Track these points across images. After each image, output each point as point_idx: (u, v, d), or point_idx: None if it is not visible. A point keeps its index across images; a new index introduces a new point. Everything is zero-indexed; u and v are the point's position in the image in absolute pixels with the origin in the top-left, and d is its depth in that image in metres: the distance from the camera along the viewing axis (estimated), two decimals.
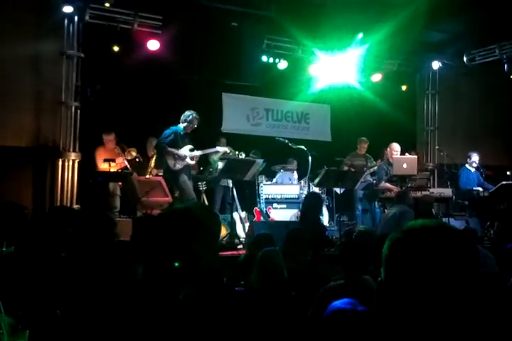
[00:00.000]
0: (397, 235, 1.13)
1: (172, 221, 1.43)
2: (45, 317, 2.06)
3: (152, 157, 8.60)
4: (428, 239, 1.09)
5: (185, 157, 7.45)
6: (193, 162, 7.65)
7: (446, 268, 1.05)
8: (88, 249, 2.39)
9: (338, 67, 9.97)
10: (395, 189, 8.30)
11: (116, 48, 8.31)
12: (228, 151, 8.34)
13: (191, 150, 7.57)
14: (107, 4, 7.80)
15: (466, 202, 9.34)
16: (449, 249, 1.07)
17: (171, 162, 7.39)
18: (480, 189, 9.37)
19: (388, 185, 8.51)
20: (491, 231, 8.51)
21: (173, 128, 7.52)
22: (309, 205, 7.44)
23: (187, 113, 7.56)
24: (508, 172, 9.91)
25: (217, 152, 8.50)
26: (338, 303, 2.20)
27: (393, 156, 8.71)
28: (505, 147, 11.90)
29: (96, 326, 1.91)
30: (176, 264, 1.47)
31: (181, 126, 7.56)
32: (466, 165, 9.85)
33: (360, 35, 9.29)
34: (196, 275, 1.50)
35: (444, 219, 8.10)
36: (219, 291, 1.93)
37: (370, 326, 1.74)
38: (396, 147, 8.90)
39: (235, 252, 6.70)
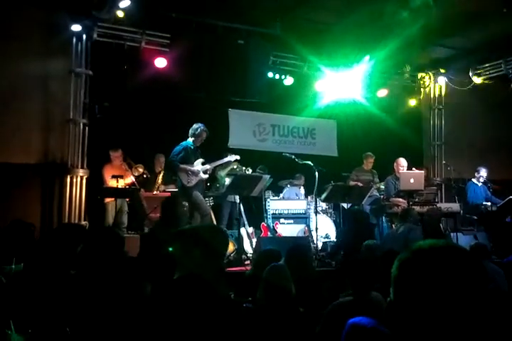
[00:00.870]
0: (406, 255, 1.13)
1: (178, 240, 1.45)
2: (55, 335, 2.06)
3: (160, 173, 8.64)
4: (437, 259, 1.09)
5: (199, 172, 7.45)
6: (206, 176, 7.63)
7: (455, 288, 1.05)
8: (97, 267, 2.40)
9: (344, 83, 10.03)
10: (404, 204, 8.29)
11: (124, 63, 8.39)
12: (238, 158, 8.38)
13: (203, 163, 7.58)
14: (120, 13, 7.84)
15: (475, 217, 9.29)
16: (457, 269, 1.08)
17: (184, 178, 7.36)
18: (488, 203, 9.33)
19: (399, 199, 8.52)
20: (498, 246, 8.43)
21: (183, 143, 7.52)
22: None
23: (195, 126, 7.57)
24: None
25: (226, 164, 8.53)
26: (361, 321, 2.18)
27: (400, 171, 8.71)
28: None
29: None
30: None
31: (190, 140, 7.55)
32: (473, 180, 9.83)
33: (367, 57, 9.35)
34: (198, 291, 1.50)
35: (452, 234, 8.06)
36: (220, 308, 1.92)
37: None
38: (403, 162, 8.91)
39: (242, 268, 6.67)
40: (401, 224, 7.06)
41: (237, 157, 8.34)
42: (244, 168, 8.89)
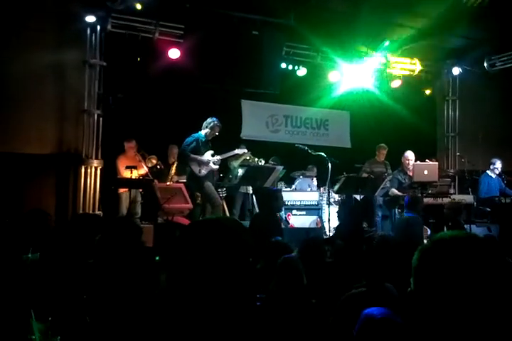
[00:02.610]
0: (427, 246, 1.15)
1: (209, 230, 1.46)
2: (75, 323, 2.10)
3: (173, 164, 8.68)
4: (458, 249, 1.11)
5: (209, 162, 7.55)
6: (216, 166, 7.74)
7: (476, 279, 1.07)
8: (115, 256, 2.44)
9: (358, 74, 9.97)
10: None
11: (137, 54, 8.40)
12: (247, 151, 8.41)
13: (212, 155, 7.65)
14: (138, 6, 7.86)
15: (488, 209, 9.24)
16: (479, 259, 1.09)
17: (195, 168, 7.46)
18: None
19: (396, 191, 8.50)
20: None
21: (195, 135, 7.60)
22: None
23: (209, 120, 7.64)
24: None
25: (238, 156, 8.57)
26: (375, 312, 2.20)
27: (413, 163, 8.66)
28: None
29: (123, 332, 1.95)
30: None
31: (203, 132, 7.63)
32: (488, 172, 9.76)
33: (387, 42, 9.26)
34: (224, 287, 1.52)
35: (465, 226, 8.03)
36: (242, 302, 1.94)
37: (406, 338, 1.75)
38: (410, 155, 8.84)
39: None
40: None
41: (245, 150, 8.37)
42: (256, 159, 8.90)
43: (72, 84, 8.05)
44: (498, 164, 9.65)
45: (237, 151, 8.28)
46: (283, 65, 9.68)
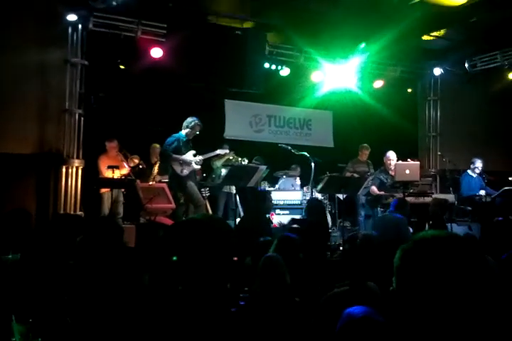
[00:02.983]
0: (408, 245, 1.16)
1: (195, 229, 1.46)
2: (55, 324, 2.08)
3: (155, 164, 8.64)
4: (439, 249, 1.12)
5: (191, 162, 7.57)
6: (198, 166, 7.77)
7: (457, 278, 1.08)
8: (97, 257, 2.42)
9: (340, 74, 10.02)
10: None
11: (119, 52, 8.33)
12: (228, 152, 8.42)
13: (194, 155, 7.66)
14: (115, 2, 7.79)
15: (469, 208, 9.35)
16: (460, 259, 1.10)
17: (177, 168, 7.48)
18: (483, 194, 9.39)
19: (375, 190, 8.58)
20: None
21: (176, 135, 7.61)
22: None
23: (189, 119, 7.65)
24: (511, 178, 9.93)
25: (220, 156, 8.57)
26: (356, 311, 2.21)
27: (395, 163, 8.74)
28: (507, 152, 11.93)
29: (105, 333, 1.94)
30: (174, 258, 1.49)
31: (183, 132, 7.65)
32: (468, 171, 9.89)
33: (363, 44, 9.34)
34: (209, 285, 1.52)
35: (447, 225, 8.10)
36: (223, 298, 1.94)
37: (387, 336, 1.76)
38: (392, 155, 8.94)
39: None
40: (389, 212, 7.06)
41: (227, 150, 8.38)
42: (240, 158, 8.90)
43: (54, 84, 7.96)
44: (479, 163, 9.77)
45: (218, 151, 8.28)
46: (266, 65, 9.69)
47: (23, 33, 7.68)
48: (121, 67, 8.31)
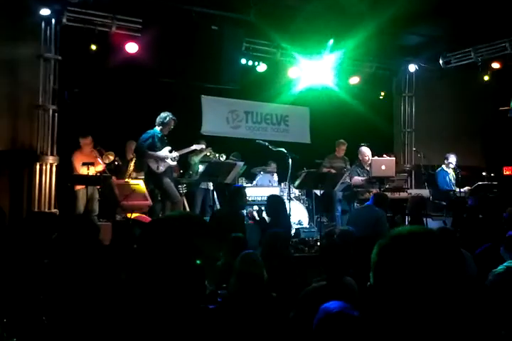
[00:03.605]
0: (385, 241, 1.17)
1: (176, 226, 1.44)
2: (31, 324, 2.05)
3: (131, 160, 8.56)
4: (415, 245, 1.13)
5: (166, 158, 7.47)
6: (174, 163, 7.68)
7: (434, 273, 1.09)
8: (72, 255, 2.38)
9: (317, 70, 10.05)
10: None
11: (93, 47, 8.20)
12: (205, 147, 8.38)
13: (170, 151, 7.58)
14: None
15: (444, 203, 9.48)
16: (436, 254, 1.12)
17: (153, 165, 7.38)
18: (457, 189, 9.52)
19: (358, 179, 8.70)
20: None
21: (150, 131, 7.51)
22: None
23: (163, 115, 7.55)
24: (484, 173, 10.10)
25: (198, 151, 8.54)
26: (331, 306, 2.22)
27: (370, 158, 8.83)
28: (480, 148, 12.15)
29: (81, 332, 1.91)
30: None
31: (158, 128, 7.54)
32: (443, 166, 10.01)
33: (331, 41, 9.39)
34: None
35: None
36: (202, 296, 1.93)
37: (363, 330, 1.77)
38: (366, 151, 9.04)
39: None
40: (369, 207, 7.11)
41: (203, 146, 8.35)
42: (217, 154, 8.87)
43: (26, 79, 7.83)
44: (452, 158, 9.90)
45: (194, 147, 8.24)
46: (243, 61, 9.67)
47: None
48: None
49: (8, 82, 7.71)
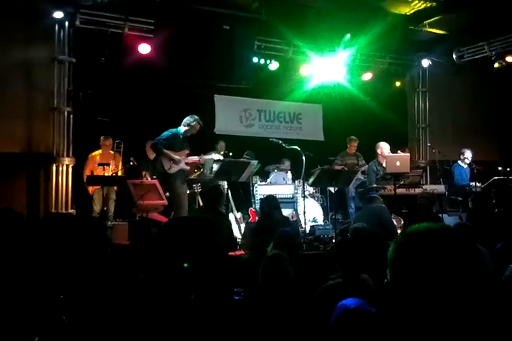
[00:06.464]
0: (402, 238, 1.18)
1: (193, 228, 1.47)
2: (51, 323, 2.08)
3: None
4: (432, 241, 1.14)
5: (180, 161, 7.35)
6: (187, 167, 7.55)
7: (451, 270, 1.10)
8: (84, 254, 2.41)
9: (329, 67, 10.02)
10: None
11: (107, 49, 8.26)
12: (222, 158, 8.35)
13: (188, 155, 7.52)
14: None
15: (460, 198, 9.41)
16: (453, 251, 1.13)
17: (166, 164, 7.29)
18: (473, 184, 9.45)
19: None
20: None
21: (173, 130, 7.41)
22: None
23: (191, 118, 7.42)
24: (499, 168, 10.00)
25: (215, 150, 8.56)
26: (349, 303, 2.24)
27: (385, 155, 8.78)
28: (496, 143, 12.02)
29: (101, 331, 1.94)
30: (185, 265, 1.50)
31: (182, 129, 7.43)
32: (459, 162, 9.94)
33: (348, 35, 9.35)
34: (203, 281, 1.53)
35: (438, 215, 8.16)
36: (221, 294, 1.95)
37: (380, 327, 1.78)
38: (385, 146, 9.00)
39: (231, 253, 6.71)
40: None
41: (221, 157, 8.31)
42: (231, 154, 8.89)
43: (41, 81, 7.92)
44: (468, 153, 9.82)
45: (213, 156, 8.24)
46: (255, 59, 9.67)
47: (9, 30, 7.63)
48: (102, 60, 8.17)
49: (23, 84, 7.80)
